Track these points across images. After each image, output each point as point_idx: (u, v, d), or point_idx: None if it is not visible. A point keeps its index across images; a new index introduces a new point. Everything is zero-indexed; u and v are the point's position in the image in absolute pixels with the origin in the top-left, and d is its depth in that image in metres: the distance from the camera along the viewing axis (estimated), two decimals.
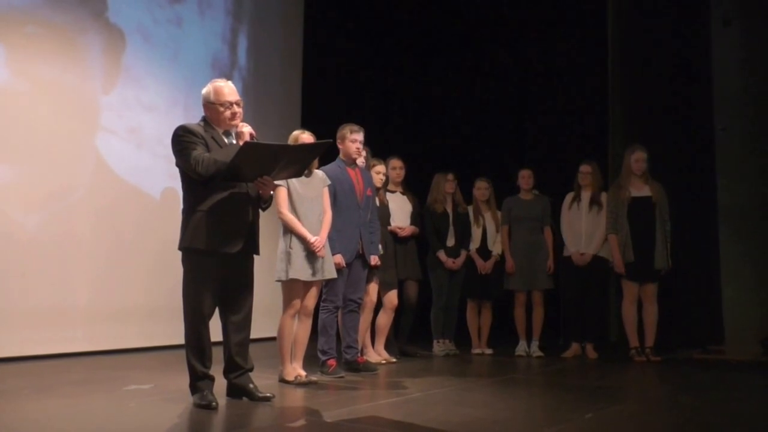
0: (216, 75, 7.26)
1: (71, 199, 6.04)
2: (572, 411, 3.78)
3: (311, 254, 4.48)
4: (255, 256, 3.96)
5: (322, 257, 4.53)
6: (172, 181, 6.86)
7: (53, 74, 5.98)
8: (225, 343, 3.89)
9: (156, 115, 6.67)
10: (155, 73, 6.74)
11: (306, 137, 4.57)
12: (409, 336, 6.28)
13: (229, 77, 7.26)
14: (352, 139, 5.11)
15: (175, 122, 6.70)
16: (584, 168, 6.33)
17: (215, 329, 3.84)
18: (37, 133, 5.83)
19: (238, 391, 3.91)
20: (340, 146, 5.18)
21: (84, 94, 6.21)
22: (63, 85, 6.05)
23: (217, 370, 3.87)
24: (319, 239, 4.51)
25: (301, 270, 4.45)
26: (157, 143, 6.51)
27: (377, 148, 5.89)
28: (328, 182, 4.77)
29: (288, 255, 4.45)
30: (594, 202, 6.24)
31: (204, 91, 3.90)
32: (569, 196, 6.38)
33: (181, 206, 3.85)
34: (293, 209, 4.54)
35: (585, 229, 6.23)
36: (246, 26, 7.70)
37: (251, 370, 3.97)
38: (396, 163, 6.15)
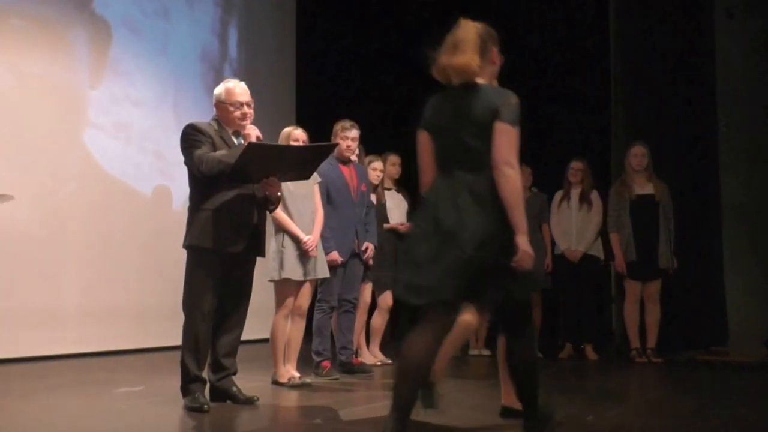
0: (206, 68, 7.15)
1: (59, 196, 5.91)
2: (572, 413, 3.68)
3: (304, 253, 4.42)
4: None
5: (315, 257, 4.47)
6: (162, 177, 6.78)
7: (39, 68, 5.84)
8: (213, 344, 3.85)
9: (145, 109, 6.52)
10: (143, 67, 6.57)
11: (299, 134, 4.54)
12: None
13: (219, 70, 7.15)
14: (344, 136, 4.98)
15: (165, 117, 6.64)
16: (575, 164, 6.25)
17: None
18: (23, 128, 5.69)
19: (221, 394, 3.85)
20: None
21: (71, 89, 6.06)
22: (49, 79, 5.90)
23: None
24: (311, 239, 4.44)
25: (293, 269, 4.39)
26: (146, 138, 6.39)
27: (375, 145, 5.77)
28: (319, 179, 4.66)
29: (280, 254, 4.39)
30: (584, 199, 6.15)
31: (216, 90, 3.91)
32: (558, 194, 6.30)
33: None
34: (285, 208, 4.45)
35: (576, 226, 6.14)
36: (236, 17, 7.52)
37: (235, 374, 3.92)
38: (394, 159, 6.03)
